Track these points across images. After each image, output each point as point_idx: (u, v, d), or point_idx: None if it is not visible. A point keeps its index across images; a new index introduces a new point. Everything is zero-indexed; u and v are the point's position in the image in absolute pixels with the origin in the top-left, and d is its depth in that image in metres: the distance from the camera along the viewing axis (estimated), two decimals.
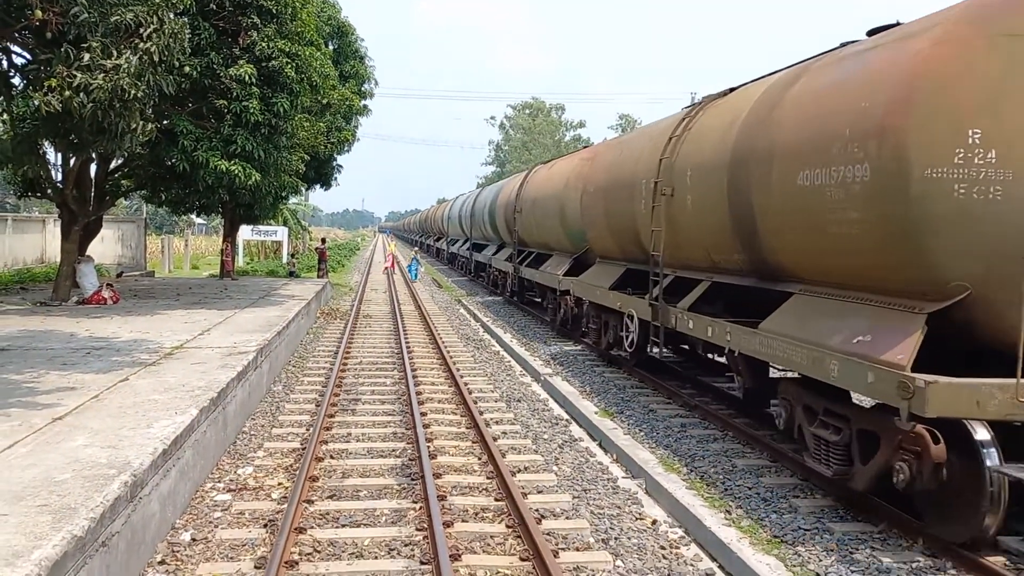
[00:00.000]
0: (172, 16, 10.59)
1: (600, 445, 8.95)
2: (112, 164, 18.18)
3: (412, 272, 34.29)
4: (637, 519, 6.64)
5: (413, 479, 7.36)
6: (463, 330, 18.10)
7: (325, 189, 31.31)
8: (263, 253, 40.51)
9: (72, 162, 16.22)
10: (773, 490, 7.18)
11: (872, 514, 6.50)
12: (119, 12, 9.90)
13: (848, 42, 7.53)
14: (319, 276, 28.56)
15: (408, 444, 8.51)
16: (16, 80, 13.30)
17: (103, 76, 9.59)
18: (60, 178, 17.05)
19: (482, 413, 9.81)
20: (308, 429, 9.00)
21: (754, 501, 6.92)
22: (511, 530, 6.21)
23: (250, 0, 15.85)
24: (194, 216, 41.67)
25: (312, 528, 6.16)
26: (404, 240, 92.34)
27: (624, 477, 7.79)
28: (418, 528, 6.21)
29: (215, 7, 15.68)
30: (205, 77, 15.21)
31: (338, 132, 26.02)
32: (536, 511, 6.57)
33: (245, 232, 31.64)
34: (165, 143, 15.39)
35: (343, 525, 6.28)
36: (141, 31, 10.03)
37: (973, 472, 5.55)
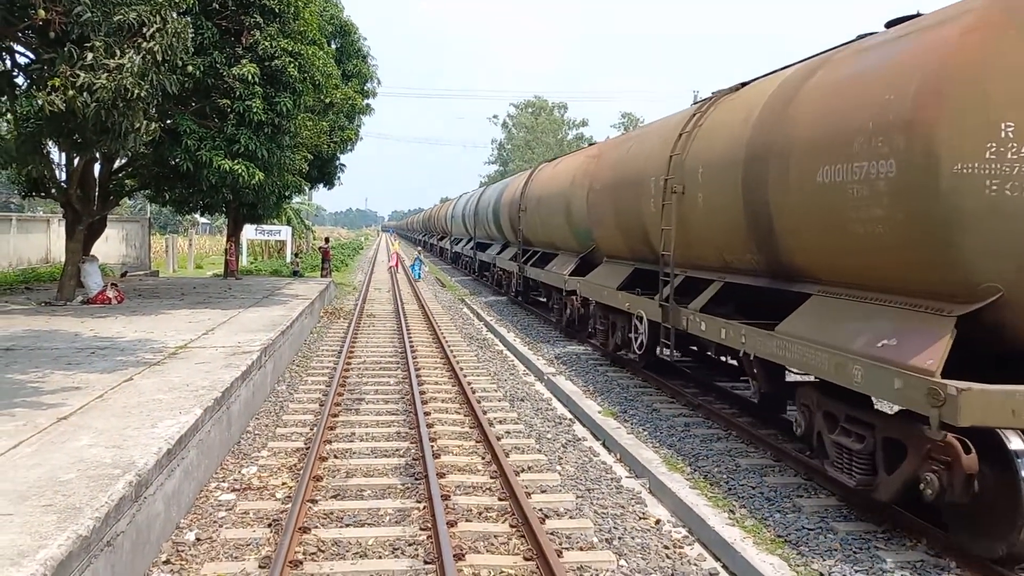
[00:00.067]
0: (175, 15, 10.60)
1: (604, 445, 8.95)
2: (116, 164, 18.21)
3: (415, 271, 34.34)
4: (641, 519, 6.64)
5: (417, 479, 7.36)
6: (466, 329, 18.10)
7: (328, 188, 31.38)
8: (267, 252, 40.56)
9: (76, 162, 16.24)
10: (777, 490, 7.17)
11: (875, 514, 6.47)
12: (122, 11, 9.92)
13: (865, 34, 7.19)
14: (322, 275, 28.57)
15: (412, 444, 8.52)
16: (20, 80, 13.37)
17: (106, 75, 9.61)
18: (64, 178, 17.06)
19: (485, 412, 9.82)
20: (312, 428, 9.01)
21: (758, 501, 6.91)
22: (515, 530, 6.21)
23: None
24: (198, 216, 41.75)
25: (316, 528, 6.17)
26: (407, 239, 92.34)
27: (628, 477, 7.79)
28: (422, 528, 6.22)
29: (218, 6, 15.69)
30: (208, 76, 15.22)
31: (341, 131, 26.03)
32: (540, 511, 6.57)
33: (249, 231, 31.67)
34: (169, 143, 15.42)
35: (347, 525, 6.29)
36: (144, 30, 10.05)
37: (1008, 484, 5.23)
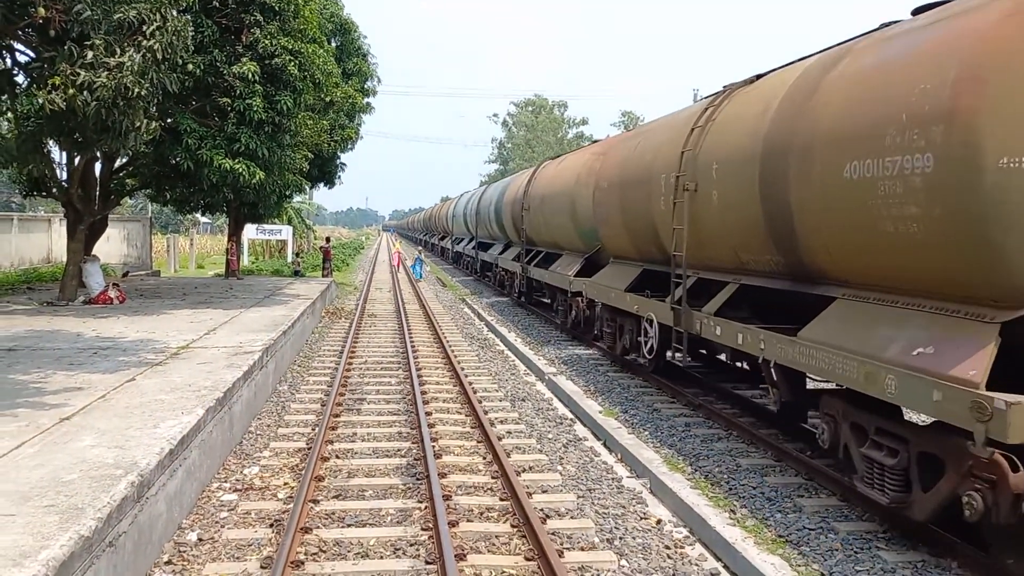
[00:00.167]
0: (175, 13, 10.60)
1: (605, 444, 8.95)
2: (117, 163, 18.23)
3: (416, 271, 34.36)
4: (642, 518, 6.64)
5: (418, 479, 7.37)
6: (467, 329, 18.10)
7: (329, 187, 31.37)
8: (268, 252, 40.56)
9: (77, 161, 16.25)
10: (778, 489, 7.17)
11: (877, 513, 6.46)
12: (122, 9, 9.92)
13: (890, 22, 6.82)
14: (324, 275, 28.58)
15: (413, 444, 8.52)
16: (20, 78, 13.35)
17: (107, 74, 9.62)
18: (65, 177, 17.08)
19: (487, 412, 9.82)
20: (314, 429, 9.02)
21: (759, 500, 6.91)
22: (516, 529, 6.21)
23: None
24: (199, 215, 41.77)
25: (318, 528, 6.18)
26: (408, 239, 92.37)
27: (629, 476, 7.79)
28: (423, 528, 6.22)
29: (218, 4, 15.70)
30: (208, 75, 15.23)
31: (341, 130, 26.02)
32: (541, 511, 6.58)
33: (250, 231, 31.67)
34: (169, 141, 15.43)
35: (349, 525, 6.29)
36: (144, 28, 10.05)
37: None
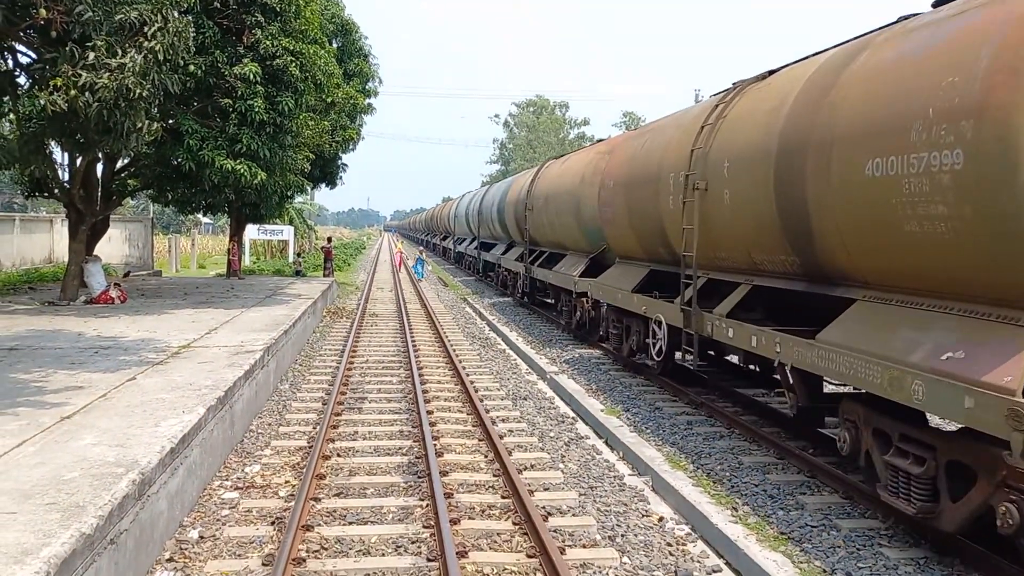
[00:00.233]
0: (176, 14, 10.61)
1: (606, 443, 8.95)
2: (118, 164, 18.26)
3: (418, 271, 34.36)
4: (644, 516, 6.64)
5: (420, 477, 7.37)
6: (469, 329, 18.11)
7: (330, 188, 31.38)
8: (269, 252, 40.60)
9: (79, 162, 16.28)
10: (780, 487, 7.17)
11: (879, 510, 6.46)
12: (123, 11, 9.93)
13: (909, 15, 6.58)
14: (325, 275, 28.60)
15: (415, 442, 8.52)
16: (22, 80, 13.37)
17: (108, 75, 9.63)
18: (67, 178, 17.10)
19: (488, 411, 9.82)
20: (315, 427, 9.02)
21: (761, 498, 6.91)
22: (518, 527, 6.21)
23: None
24: (200, 215, 41.78)
25: (319, 525, 6.18)
26: (409, 239, 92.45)
27: (630, 474, 7.79)
28: (425, 525, 6.22)
29: (219, 5, 15.70)
30: (210, 76, 15.24)
31: (343, 131, 26.02)
32: (543, 508, 6.57)
33: (251, 231, 31.73)
34: (171, 142, 15.45)
35: (350, 523, 6.29)
36: (146, 30, 10.07)
37: None
